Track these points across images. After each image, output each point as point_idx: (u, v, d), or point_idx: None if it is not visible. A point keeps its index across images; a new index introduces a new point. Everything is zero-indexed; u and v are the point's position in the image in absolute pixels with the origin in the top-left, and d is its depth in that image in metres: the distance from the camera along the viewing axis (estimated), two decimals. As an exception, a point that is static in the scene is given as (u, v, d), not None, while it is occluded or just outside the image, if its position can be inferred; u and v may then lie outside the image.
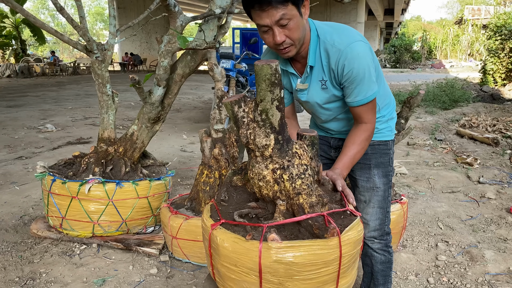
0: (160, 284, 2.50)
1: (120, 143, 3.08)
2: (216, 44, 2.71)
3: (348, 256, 1.25)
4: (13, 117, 8.10)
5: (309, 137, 1.35)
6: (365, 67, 1.57)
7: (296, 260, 1.16)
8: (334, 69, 1.59)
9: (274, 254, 1.16)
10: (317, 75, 1.66)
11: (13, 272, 2.56)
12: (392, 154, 1.92)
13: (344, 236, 1.22)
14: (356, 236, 1.27)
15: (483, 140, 6.23)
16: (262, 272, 1.19)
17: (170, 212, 2.70)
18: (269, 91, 1.21)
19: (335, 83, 1.65)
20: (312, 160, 1.35)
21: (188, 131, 7.15)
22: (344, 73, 1.57)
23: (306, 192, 1.28)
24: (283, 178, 1.28)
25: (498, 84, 13.01)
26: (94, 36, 49.31)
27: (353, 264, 1.33)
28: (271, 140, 1.27)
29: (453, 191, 4.24)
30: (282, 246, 1.17)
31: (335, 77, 1.62)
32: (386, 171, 1.89)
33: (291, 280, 1.19)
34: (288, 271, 1.17)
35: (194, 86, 15.36)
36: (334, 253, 1.20)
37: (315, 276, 1.20)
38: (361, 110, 1.65)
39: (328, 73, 1.63)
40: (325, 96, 1.70)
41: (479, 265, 2.77)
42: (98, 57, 2.94)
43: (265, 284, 1.21)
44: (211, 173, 2.75)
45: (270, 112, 1.24)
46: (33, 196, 3.84)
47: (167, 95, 3.02)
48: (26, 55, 23.42)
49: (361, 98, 1.61)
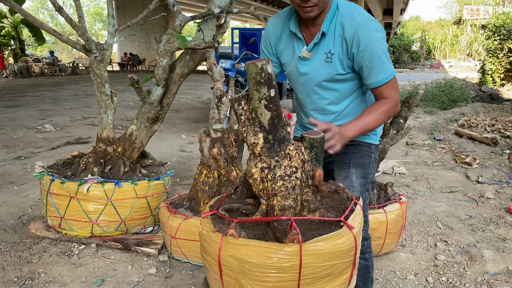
0: (159, 284, 2.50)
1: (119, 143, 3.08)
2: (215, 43, 2.71)
3: (313, 267, 1.17)
4: (12, 117, 8.08)
5: (308, 140, 1.31)
6: (383, 45, 1.55)
7: (249, 259, 1.16)
8: (349, 41, 1.55)
9: (230, 249, 1.19)
10: (325, 46, 1.62)
11: (12, 272, 2.55)
12: (373, 159, 1.85)
13: (308, 245, 1.15)
14: (329, 249, 1.17)
15: (482, 140, 6.23)
16: (221, 264, 1.22)
17: (169, 212, 2.70)
18: (255, 90, 1.23)
19: (345, 57, 1.59)
20: (306, 163, 1.30)
21: (187, 131, 7.15)
22: (360, 48, 1.53)
23: (282, 195, 1.26)
24: (267, 177, 1.29)
25: (497, 84, 13.03)
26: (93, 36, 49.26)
27: (324, 279, 1.21)
28: (259, 138, 1.28)
29: (452, 191, 4.24)
30: (237, 242, 1.18)
31: (347, 50, 1.57)
32: (365, 172, 1.82)
33: (245, 278, 1.19)
34: (242, 268, 1.18)
35: (193, 86, 15.35)
36: (292, 261, 1.14)
37: (268, 279, 1.17)
38: (383, 90, 1.59)
39: (340, 45, 1.58)
40: (327, 70, 1.64)
41: (478, 264, 2.77)
42: (97, 56, 2.93)
43: (224, 277, 1.23)
44: (210, 173, 2.75)
45: (259, 110, 1.25)
46: (32, 196, 3.83)
47: (166, 94, 3.02)
48: (24, 55, 23.38)
49: (383, 76, 1.56)
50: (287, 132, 1.34)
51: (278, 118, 1.29)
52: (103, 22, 55.19)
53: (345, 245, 1.20)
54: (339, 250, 1.19)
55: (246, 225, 1.30)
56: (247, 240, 1.19)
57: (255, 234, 1.26)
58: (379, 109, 1.60)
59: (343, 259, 1.21)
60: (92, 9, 56.35)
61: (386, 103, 1.60)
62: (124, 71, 22.83)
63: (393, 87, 1.60)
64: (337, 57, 1.61)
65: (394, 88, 1.60)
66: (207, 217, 1.35)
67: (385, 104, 1.60)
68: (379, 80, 1.57)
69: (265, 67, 1.21)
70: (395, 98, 1.61)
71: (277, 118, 1.28)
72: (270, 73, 1.22)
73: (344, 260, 1.22)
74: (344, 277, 1.27)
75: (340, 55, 1.60)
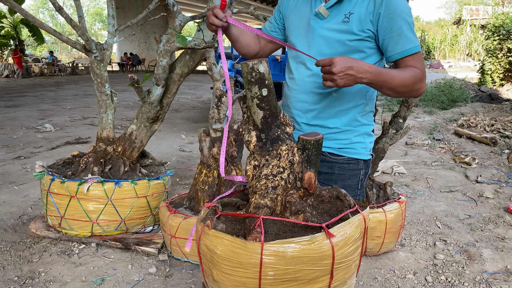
0: (159, 283, 2.51)
1: (119, 142, 3.08)
2: (215, 43, 2.72)
3: (275, 269, 1.14)
4: (12, 117, 8.09)
5: (301, 141, 1.27)
6: (410, 17, 1.42)
7: (217, 250, 1.20)
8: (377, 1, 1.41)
9: (205, 239, 1.24)
10: (345, 7, 1.46)
11: (12, 272, 2.56)
12: (363, 176, 1.64)
13: (270, 245, 1.14)
14: (294, 253, 1.13)
15: (481, 140, 6.24)
16: (200, 252, 1.28)
17: (169, 211, 2.70)
18: (248, 89, 1.25)
19: (367, 19, 1.43)
20: (295, 164, 1.28)
21: (187, 131, 7.16)
22: (391, 10, 1.39)
23: (260, 193, 1.27)
24: (256, 175, 1.32)
25: (496, 84, 13.04)
26: (93, 36, 49.22)
27: (289, 283, 1.18)
28: (252, 136, 1.31)
29: (451, 190, 4.25)
30: (210, 233, 1.22)
31: (373, 10, 1.42)
32: (352, 195, 1.61)
33: (214, 268, 1.23)
34: (212, 258, 1.22)
35: (193, 86, 15.36)
36: (251, 258, 1.15)
37: (232, 273, 1.20)
38: (409, 60, 1.42)
39: (365, 5, 1.43)
40: (341, 29, 1.46)
41: (477, 263, 2.78)
42: (97, 56, 2.94)
43: (203, 265, 1.30)
44: (210, 172, 2.76)
45: (252, 109, 1.28)
46: (32, 196, 3.84)
47: (165, 94, 3.03)
48: (24, 55, 23.37)
49: (412, 46, 1.41)
50: (285, 132, 1.33)
51: (272, 117, 1.30)
52: (103, 22, 55.20)
53: (315, 251, 1.14)
54: (307, 256, 1.14)
55: (230, 219, 1.32)
56: (217, 232, 1.22)
57: (233, 229, 1.28)
58: (408, 70, 1.40)
59: (312, 266, 1.16)
60: (92, 9, 56.36)
61: (415, 70, 1.41)
62: (123, 71, 22.83)
63: (420, 60, 1.42)
64: (357, 17, 1.44)
65: (421, 62, 1.43)
66: (208, 207, 1.40)
67: (414, 70, 1.41)
68: (408, 49, 1.40)
69: (256, 66, 1.22)
70: (423, 70, 1.42)
71: (271, 118, 1.29)
72: (262, 72, 1.23)
73: (313, 268, 1.16)
74: (317, 286, 1.21)
75: (362, 15, 1.43)
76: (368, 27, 1.43)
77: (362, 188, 1.66)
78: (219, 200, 1.40)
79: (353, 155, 1.59)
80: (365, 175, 1.65)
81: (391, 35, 1.42)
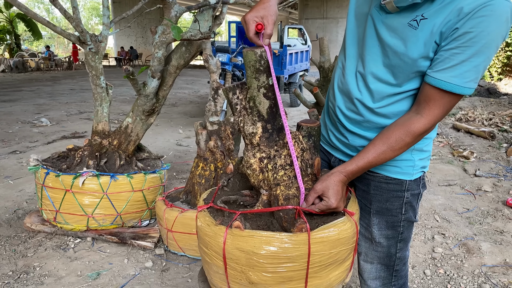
0: (155, 277, 2.48)
1: (114, 135, 3.05)
2: (211, 34, 2.68)
3: (321, 255, 1.16)
4: (8, 111, 8.02)
5: (305, 128, 1.29)
6: (496, 45, 1.06)
7: (256, 250, 1.14)
8: (462, 14, 1.04)
9: (236, 242, 1.17)
10: (420, 9, 1.12)
11: (7, 266, 2.53)
12: (410, 198, 1.36)
13: (315, 233, 1.15)
14: (336, 236, 1.18)
15: (479, 134, 6.23)
16: (226, 257, 1.20)
17: (166, 205, 2.67)
18: (254, 78, 1.20)
19: (438, 33, 1.09)
20: (305, 152, 1.28)
21: (184, 125, 7.12)
22: (470, 28, 1.03)
23: (285, 184, 1.24)
24: (267, 167, 1.26)
25: (494, 78, 13.04)
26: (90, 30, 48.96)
27: (330, 266, 1.22)
28: (257, 128, 1.25)
29: (450, 184, 4.23)
30: (243, 234, 1.16)
31: (452, 25, 1.06)
32: (394, 221, 1.37)
33: (252, 270, 1.17)
34: (249, 260, 1.16)
35: (190, 80, 15.29)
36: (300, 249, 1.13)
37: (277, 270, 1.16)
38: (432, 95, 1.13)
39: (444, 14, 1.08)
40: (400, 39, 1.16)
41: (475, 257, 2.76)
42: (92, 48, 2.90)
43: (229, 270, 1.21)
44: (206, 166, 2.73)
45: (257, 99, 1.23)
46: (27, 190, 3.80)
47: (161, 87, 2.99)
48: (20, 50, 23.21)
49: (456, 82, 1.08)
50: None
51: (276, 107, 1.27)
52: (99, 17, 54.84)
53: (349, 231, 1.21)
54: (344, 237, 1.20)
55: (248, 216, 1.28)
56: (253, 231, 1.17)
57: (259, 225, 1.25)
58: (397, 131, 1.18)
59: (347, 245, 1.23)
60: (89, 4, 56.01)
61: (411, 123, 1.16)
62: (121, 66, 22.70)
63: (442, 105, 1.13)
64: (430, 27, 1.10)
65: (443, 107, 1.13)
66: (203, 210, 1.33)
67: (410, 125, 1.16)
68: (445, 82, 1.09)
69: (265, 54, 1.18)
70: (430, 120, 1.15)
71: (275, 107, 1.26)
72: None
73: (348, 247, 1.24)
74: (346, 264, 1.29)
75: (436, 26, 1.09)
76: (434, 47, 1.12)
77: (408, 213, 1.38)
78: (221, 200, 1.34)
79: (393, 174, 1.35)
80: (414, 198, 1.37)
81: (446, 52, 1.09)
